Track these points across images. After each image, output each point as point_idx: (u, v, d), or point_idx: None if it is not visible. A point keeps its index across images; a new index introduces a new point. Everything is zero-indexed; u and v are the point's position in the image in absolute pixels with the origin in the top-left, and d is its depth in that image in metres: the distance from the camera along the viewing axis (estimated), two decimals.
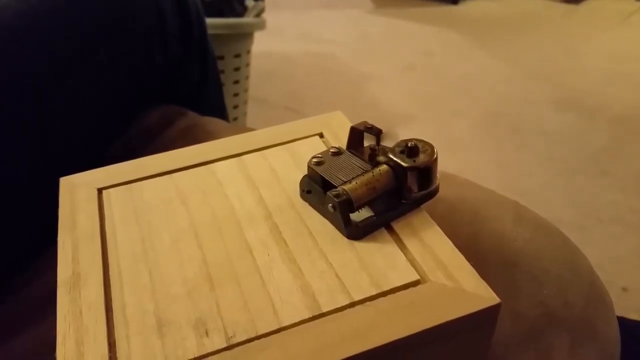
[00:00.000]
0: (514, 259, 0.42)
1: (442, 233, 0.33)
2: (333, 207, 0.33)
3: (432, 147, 0.35)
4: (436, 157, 0.34)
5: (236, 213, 0.35)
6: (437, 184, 0.35)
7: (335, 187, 0.33)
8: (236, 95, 1.35)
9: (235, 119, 1.43)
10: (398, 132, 1.65)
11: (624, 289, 1.12)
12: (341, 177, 0.34)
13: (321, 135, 0.43)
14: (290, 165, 0.40)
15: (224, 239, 0.33)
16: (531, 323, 0.38)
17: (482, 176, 1.52)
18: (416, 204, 0.34)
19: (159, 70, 0.68)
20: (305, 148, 0.41)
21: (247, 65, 1.34)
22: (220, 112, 0.79)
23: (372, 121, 0.37)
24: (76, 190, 0.38)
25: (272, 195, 0.37)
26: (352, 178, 0.34)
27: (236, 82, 1.32)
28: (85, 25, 0.58)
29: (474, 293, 0.29)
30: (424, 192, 0.34)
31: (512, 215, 0.46)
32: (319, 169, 0.35)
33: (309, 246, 0.32)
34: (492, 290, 0.29)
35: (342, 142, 0.41)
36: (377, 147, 0.36)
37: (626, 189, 1.42)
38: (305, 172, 0.37)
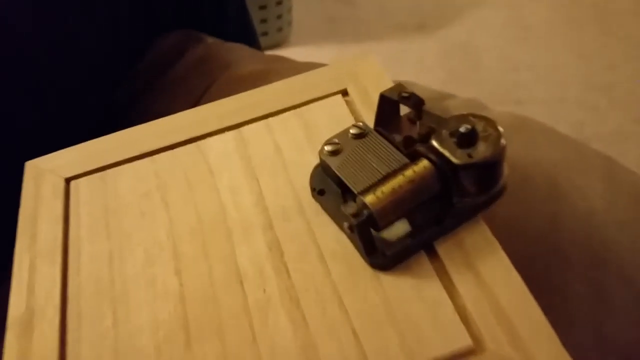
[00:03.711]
0: (604, 255, 0.32)
1: (508, 262, 0.23)
2: (350, 227, 0.23)
3: (496, 129, 0.24)
4: (504, 146, 0.24)
5: (227, 217, 0.27)
6: (504, 182, 0.25)
7: (354, 194, 0.24)
8: (279, 3, 1.20)
9: (279, 29, 1.29)
10: (457, 32, 1.45)
11: None
12: (363, 177, 0.24)
13: (344, 93, 0.32)
14: (301, 142, 0.30)
15: (209, 261, 0.25)
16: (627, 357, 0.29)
17: (561, 69, 1.34)
18: (471, 213, 0.24)
19: None
20: (321, 114, 0.31)
21: None
22: (245, 34, 0.66)
23: None
24: (42, 180, 0.31)
25: (275, 190, 0.28)
26: (378, 181, 0.24)
27: None
28: None
29: None
30: (483, 197, 0.24)
31: (603, 184, 0.35)
32: (333, 163, 0.26)
33: (319, 279, 0.24)
34: None
35: (371, 103, 0.30)
36: (416, 123, 0.26)
37: None
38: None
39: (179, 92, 0.53)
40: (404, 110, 0.28)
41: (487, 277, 0.23)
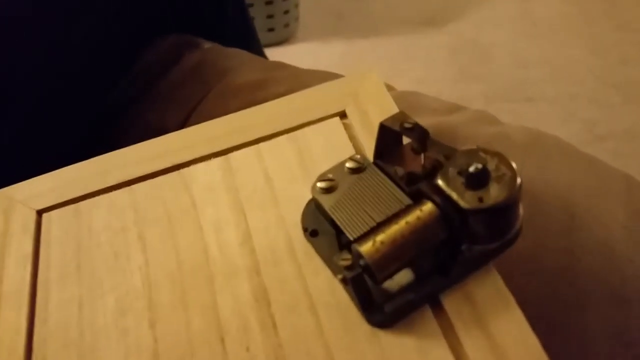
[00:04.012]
0: (626, 293, 0.29)
1: (523, 319, 0.20)
2: (344, 280, 0.21)
3: (510, 167, 0.21)
4: (519, 186, 0.21)
5: (210, 260, 0.24)
6: (519, 225, 0.22)
7: (349, 240, 0.21)
8: None
9: (286, 25, 1.26)
10: (466, 27, 1.41)
11: None
12: (360, 221, 0.22)
13: (343, 115, 0.29)
14: (293, 171, 0.27)
15: (188, 311, 0.23)
16: None
17: (572, 65, 1.30)
18: (481, 261, 0.22)
19: None
20: (317, 139, 0.28)
21: None
22: (245, 36, 0.63)
23: None
24: (12, 212, 0.28)
25: (264, 227, 0.25)
26: (377, 226, 0.21)
27: None
28: None
29: None
30: (495, 243, 0.21)
31: (623, 209, 0.32)
32: (327, 202, 0.23)
33: (310, 335, 0.21)
34: None
35: (372, 126, 0.27)
36: (420, 154, 0.23)
37: None
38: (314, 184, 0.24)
39: (174, 99, 0.50)
40: (407, 138, 0.25)
41: (500, 337, 0.20)
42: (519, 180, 0.21)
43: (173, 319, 0.23)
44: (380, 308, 0.21)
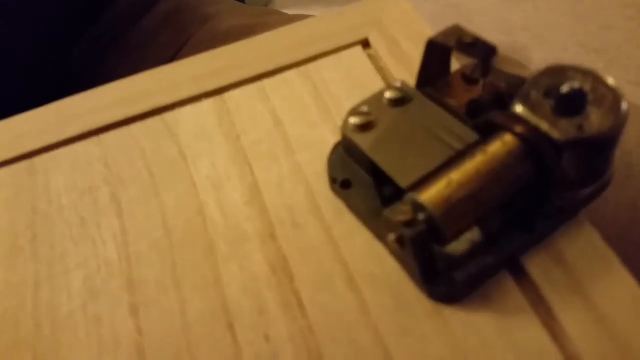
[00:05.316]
0: None
1: (632, 281, 0.15)
2: (399, 241, 0.15)
3: (610, 88, 0.16)
4: (627, 111, 0.16)
5: (208, 224, 0.19)
6: (614, 166, 0.17)
7: (400, 190, 0.16)
8: None
9: None
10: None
11: None
12: (412, 164, 0.16)
13: (366, 44, 0.23)
14: (309, 111, 0.21)
15: (182, 292, 0.17)
16: None
17: (556, 30, 1.27)
18: (571, 212, 0.17)
19: None
20: (336, 73, 0.22)
21: None
22: None
23: None
24: None
25: (276, 181, 0.19)
26: (437, 170, 0.16)
27: None
28: None
29: None
30: (590, 188, 0.16)
31: None
32: (364, 142, 0.17)
33: (349, 317, 0.16)
34: None
35: (403, 56, 0.22)
36: (477, 83, 0.18)
37: None
38: (338, 127, 0.19)
39: (148, 52, 0.43)
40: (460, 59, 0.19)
41: (606, 307, 0.15)
42: (624, 103, 0.16)
43: (162, 303, 0.17)
44: (447, 277, 0.15)
